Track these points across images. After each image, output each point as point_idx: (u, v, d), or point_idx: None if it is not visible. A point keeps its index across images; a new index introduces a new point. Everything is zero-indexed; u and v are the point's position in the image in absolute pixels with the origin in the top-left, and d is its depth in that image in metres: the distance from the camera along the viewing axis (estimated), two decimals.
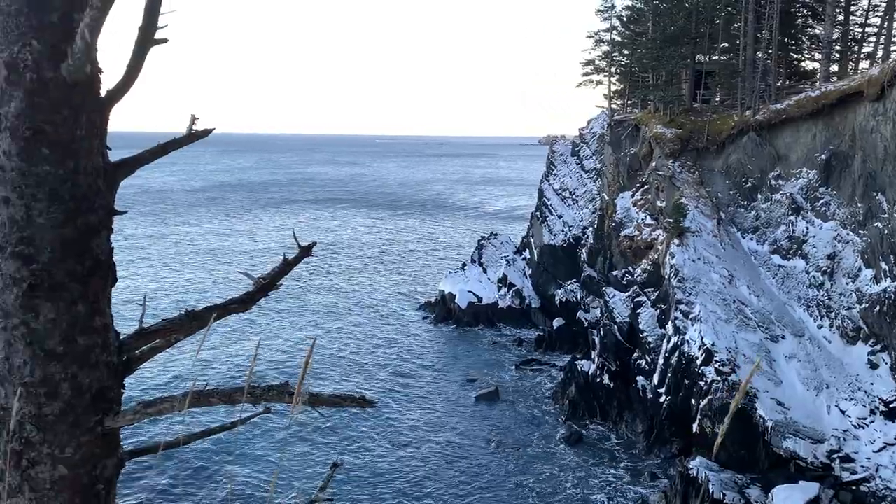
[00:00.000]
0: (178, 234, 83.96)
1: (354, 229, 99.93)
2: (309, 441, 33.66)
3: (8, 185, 3.01)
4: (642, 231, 43.27)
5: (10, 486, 3.20)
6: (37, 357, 3.13)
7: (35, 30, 2.91)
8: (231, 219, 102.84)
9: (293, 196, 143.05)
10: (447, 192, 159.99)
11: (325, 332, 51.72)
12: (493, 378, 44.34)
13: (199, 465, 29.90)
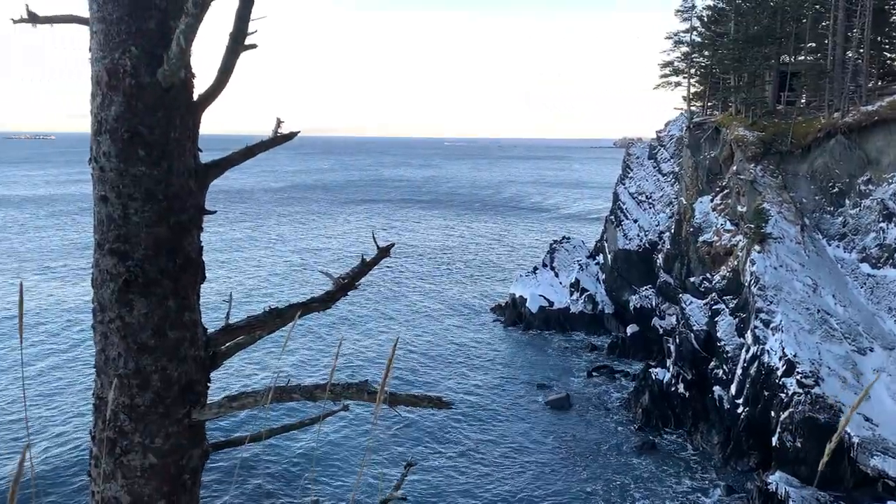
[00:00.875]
0: (260, 233, 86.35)
1: (427, 230, 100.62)
2: (383, 440, 34.04)
3: (107, 185, 3.16)
4: (721, 237, 42.02)
5: (104, 472, 3.36)
6: (130, 350, 3.27)
7: (134, 36, 3.05)
8: (309, 219, 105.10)
9: (368, 197, 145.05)
10: (520, 194, 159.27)
11: (396, 331, 52.24)
12: (564, 384, 43.84)
13: (279, 460, 30.64)
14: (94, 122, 3.14)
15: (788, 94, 50.88)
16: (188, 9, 2.81)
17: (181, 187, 3.25)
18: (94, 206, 3.25)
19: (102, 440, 3.32)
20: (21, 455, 1.48)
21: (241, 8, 3.03)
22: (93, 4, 3.07)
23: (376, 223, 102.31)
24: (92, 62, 3.13)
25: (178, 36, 2.90)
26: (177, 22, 3.01)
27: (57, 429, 27.98)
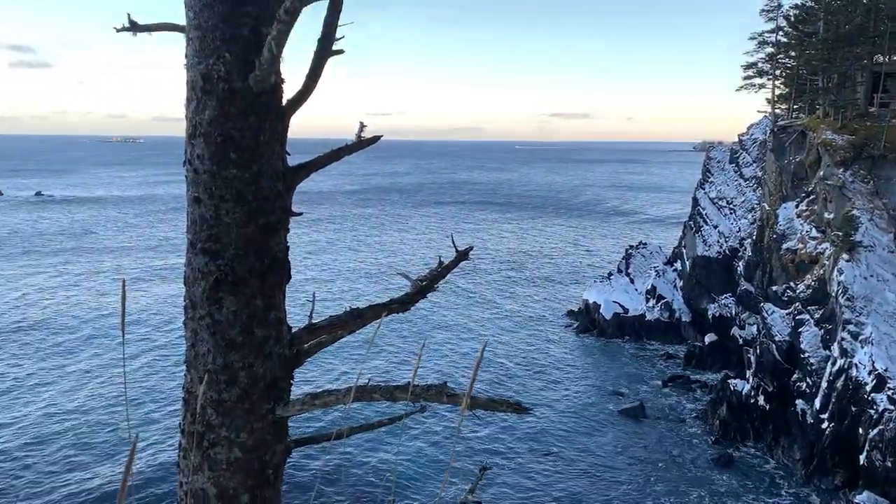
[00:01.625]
0: (338, 234, 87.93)
1: (501, 233, 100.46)
2: (457, 442, 34.15)
3: (200, 187, 3.27)
4: (807, 244, 40.36)
5: (192, 464, 3.48)
6: (219, 346, 3.37)
7: (228, 43, 3.15)
8: (386, 220, 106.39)
9: (442, 199, 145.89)
10: (595, 198, 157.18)
11: (468, 334, 52.32)
12: (637, 393, 42.95)
13: (358, 459, 31.09)
14: (189, 126, 3.26)
15: (882, 95, 48.46)
16: (279, 16, 2.89)
17: (270, 189, 3.34)
18: (187, 207, 3.38)
19: (191, 433, 3.44)
20: (131, 447, 1.55)
21: (329, 14, 3.10)
22: (189, 12, 3.19)
23: (450, 226, 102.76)
24: (187, 68, 3.25)
25: (269, 42, 2.98)
26: (268, 28, 3.09)
27: (153, 423, 28.99)
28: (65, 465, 21.16)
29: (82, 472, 21.23)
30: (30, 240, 63.67)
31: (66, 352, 34.16)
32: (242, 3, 3.13)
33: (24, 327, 36.64)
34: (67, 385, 29.82)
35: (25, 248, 58.90)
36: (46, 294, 43.88)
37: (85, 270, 50.77)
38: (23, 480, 19.93)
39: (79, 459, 21.73)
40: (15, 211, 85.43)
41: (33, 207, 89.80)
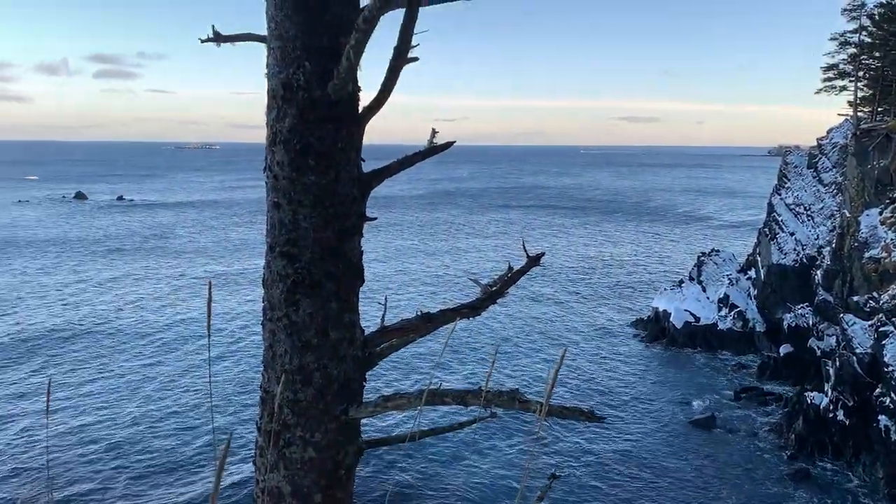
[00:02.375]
0: (408, 238, 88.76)
1: (568, 238, 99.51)
2: (523, 449, 33.97)
3: (279, 192, 3.37)
4: (891, 253, 38.57)
5: (268, 462, 3.57)
6: (295, 347, 3.46)
7: (308, 52, 3.24)
8: (455, 225, 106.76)
9: (510, 203, 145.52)
10: (665, 203, 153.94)
11: (535, 340, 51.99)
12: (708, 404, 41.80)
13: (428, 462, 31.25)
14: (270, 134, 3.37)
15: None
16: (358, 24, 2.95)
17: (346, 195, 3.42)
18: (267, 212, 3.48)
19: (268, 432, 3.54)
20: (225, 444, 1.61)
21: (405, 22, 3.15)
22: (271, 23, 3.29)
23: (516, 230, 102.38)
24: (268, 77, 3.36)
25: (347, 51, 3.05)
26: (346, 38, 3.16)
27: (242, 423, 29.44)
28: (155, 467, 21.75)
29: (172, 475, 21.79)
30: (113, 242, 66.39)
31: (152, 353, 35.28)
32: (322, 14, 3.21)
33: (107, 329, 38.06)
34: (154, 386, 30.68)
35: (109, 248, 61.44)
36: (130, 295, 45.57)
37: (166, 272, 52.59)
38: (113, 483, 20.55)
39: (168, 462, 22.32)
40: (99, 214, 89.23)
41: (115, 211, 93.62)
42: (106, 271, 51.87)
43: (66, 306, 41.32)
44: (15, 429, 22.26)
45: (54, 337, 34.94)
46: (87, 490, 18.55)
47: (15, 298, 41.85)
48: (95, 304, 42.50)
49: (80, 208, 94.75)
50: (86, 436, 23.08)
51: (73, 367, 30.88)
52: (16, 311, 38.41)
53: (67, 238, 67.85)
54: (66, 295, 43.73)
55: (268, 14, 3.30)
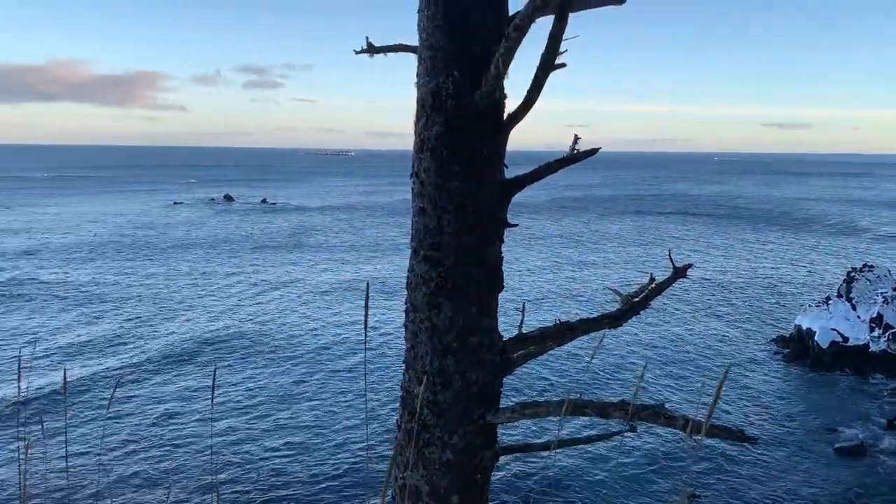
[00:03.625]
0: (545, 245, 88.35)
1: (708, 248, 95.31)
2: (659, 468, 32.95)
3: (425, 198, 3.46)
4: None
5: (407, 461, 3.66)
6: (436, 349, 3.53)
7: (457, 61, 3.30)
8: (589, 232, 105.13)
9: (644, 211, 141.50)
10: (815, 213, 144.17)
11: (668, 354, 50.22)
12: (857, 431, 38.66)
13: (564, 473, 30.74)
14: (417, 141, 3.46)
15: None
16: (508, 33, 2.98)
17: (489, 201, 3.45)
18: (412, 217, 3.58)
19: (408, 431, 3.63)
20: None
21: (554, 28, 3.14)
22: (422, 34, 3.38)
23: (652, 239, 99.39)
24: (418, 86, 3.45)
25: (496, 59, 3.08)
26: (495, 46, 3.20)
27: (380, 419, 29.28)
28: (314, 473, 22.36)
29: (330, 482, 22.30)
30: (258, 241, 70.16)
31: (307, 350, 36.45)
32: (472, 23, 3.27)
33: (261, 327, 39.87)
34: (311, 386, 31.47)
35: (254, 247, 64.97)
36: (279, 293, 47.76)
37: (311, 271, 54.88)
38: (277, 486, 21.26)
39: (326, 461, 22.91)
40: (245, 216, 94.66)
41: (260, 212, 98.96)
42: (253, 269, 54.82)
43: (219, 302, 43.86)
44: (183, 431, 23.66)
45: (213, 334, 36.97)
46: (252, 491, 19.48)
47: (172, 296, 44.87)
48: (246, 302, 44.76)
49: (228, 210, 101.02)
50: (247, 436, 24.14)
51: (232, 364, 32.43)
52: (173, 310, 41.10)
53: (216, 238, 72.45)
54: (217, 291, 46.47)
55: (419, 26, 3.39)
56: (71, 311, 37.33)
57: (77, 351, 31.08)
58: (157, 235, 68.36)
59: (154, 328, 35.42)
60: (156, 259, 53.40)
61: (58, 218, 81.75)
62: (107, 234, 69.28)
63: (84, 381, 25.75)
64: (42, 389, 22.65)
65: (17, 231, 70.13)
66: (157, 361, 30.45)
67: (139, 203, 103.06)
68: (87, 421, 22.62)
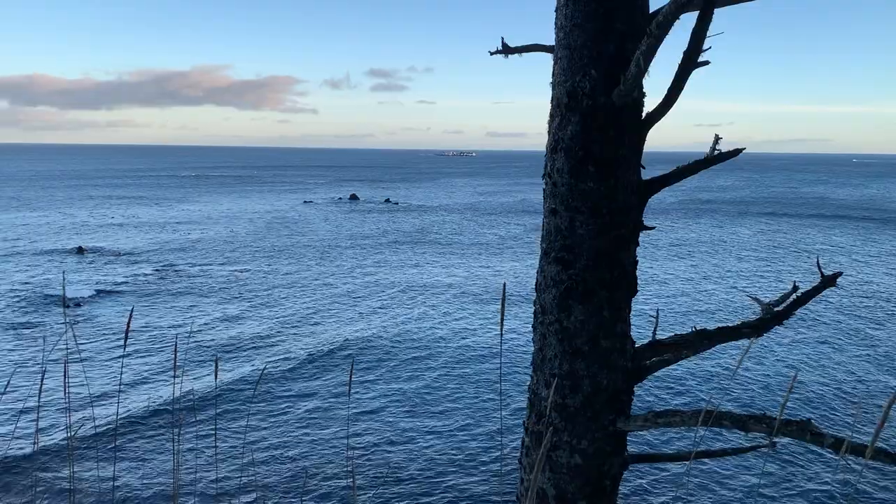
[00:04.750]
0: (677, 248, 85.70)
1: (853, 256, 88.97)
2: (800, 490, 31.08)
3: (557, 199, 3.42)
4: None
5: (533, 463, 3.64)
6: (566, 352, 3.49)
7: (595, 60, 3.25)
8: (721, 236, 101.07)
9: (780, 215, 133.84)
10: None
11: (814, 368, 47.22)
12: None
13: (695, 485, 29.35)
14: (551, 141, 3.43)
15: None
16: (650, 30, 2.89)
17: (624, 203, 3.37)
18: (543, 218, 3.55)
19: (535, 433, 3.61)
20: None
21: (698, 25, 3.03)
22: (559, 33, 3.35)
23: (790, 245, 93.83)
24: (553, 86, 3.42)
25: (637, 57, 3.01)
26: (634, 44, 3.12)
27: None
28: (445, 472, 22.55)
29: (461, 480, 22.35)
30: (384, 240, 72.02)
31: (437, 349, 36.68)
32: (611, 21, 3.21)
33: (386, 327, 40.48)
34: (444, 383, 31.43)
35: (380, 245, 66.73)
36: (407, 291, 48.65)
37: (437, 270, 55.69)
38: (416, 487, 21.63)
39: (458, 468, 23.03)
40: (369, 214, 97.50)
41: (384, 211, 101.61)
42: (381, 268, 56.25)
43: (350, 299, 45.10)
44: (321, 426, 24.44)
45: (346, 329, 37.90)
46: (383, 481, 19.92)
47: (306, 291, 46.62)
48: (379, 299, 45.67)
49: (354, 209, 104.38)
50: (383, 435, 24.64)
51: (367, 359, 33.09)
52: (308, 306, 42.57)
53: (345, 235, 75.06)
54: (348, 287, 47.85)
55: (557, 25, 3.36)
56: (212, 304, 39.59)
57: (225, 343, 32.84)
58: (289, 234, 71.58)
59: (292, 323, 36.82)
60: (289, 257, 55.83)
61: (199, 214, 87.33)
62: (243, 230, 73.34)
63: (229, 374, 27.16)
64: (195, 381, 23.96)
65: (163, 225, 75.53)
66: (297, 354, 31.56)
67: (272, 202, 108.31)
68: (232, 412, 23.88)
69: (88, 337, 29.02)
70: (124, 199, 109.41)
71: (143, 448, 17.92)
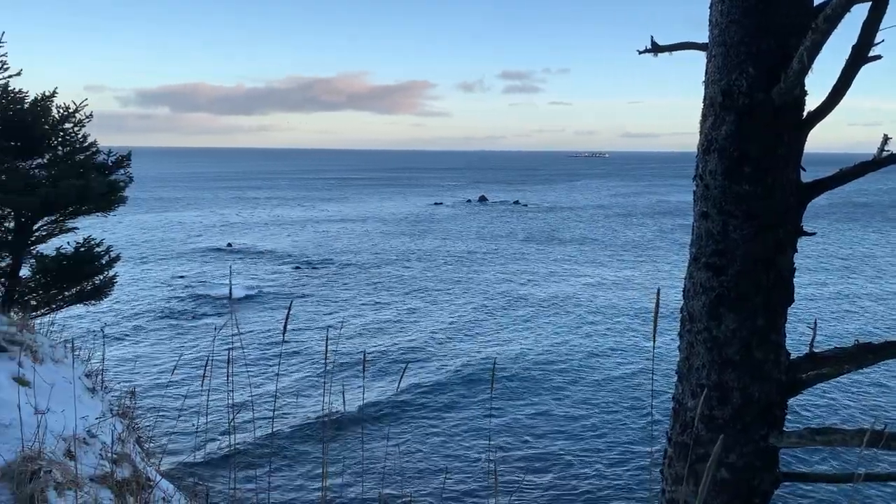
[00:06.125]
0: (827, 253, 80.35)
1: None
2: None
3: (709, 202, 3.29)
4: None
5: (676, 473, 3.52)
6: (714, 362, 3.35)
7: (752, 57, 3.10)
8: (882, 242, 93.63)
9: None
10: None
11: None
12: None
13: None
14: (703, 142, 3.31)
15: None
16: (816, 24, 2.74)
17: (781, 206, 3.20)
18: (693, 222, 3.43)
19: (679, 444, 3.49)
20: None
21: (869, 17, 2.84)
22: (714, 30, 3.23)
23: None
24: (707, 84, 3.30)
25: (801, 53, 2.85)
26: (797, 39, 2.96)
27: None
28: (590, 474, 22.09)
29: (607, 485, 21.80)
30: (514, 241, 72.05)
31: (581, 350, 35.78)
32: (771, 16, 3.06)
33: (526, 326, 40.00)
34: (590, 386, 30.60)
35: (510, 247, 66.75)
36: (548, 292, 48.01)
37: (573, 272, 54.97)
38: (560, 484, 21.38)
39: (604, 473, 22.47)
40: (498, 214, 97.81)
41: (513, 212, 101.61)
42: (515, 268, 56.26)
43: (485, 298, 45.10)
44: (463, 422, 24.58)
45: (485, 330, 37.83)
46: (524, 481, 19.89)
47: (442, 288, 47.36)
48: (515, 300, 45.30)
49: (483, 209, 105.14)
50: (524, 430, 24.53)
51: (508, 355, 32.84)
52: (446, 302, 42.99)
53: (475, 235, 75.72)
54: (481, 287, 48.04)
55: (711, 21, 3.24)
56: (353, 305, 40.93)
57: (370, 333, 33.85)
58: (419, 236, 73.08)
59: (430, 329, 37.37)
60: (421, 260, 56.95)
61: (337, 215, 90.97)
62: (376, 231, 75.71)
63: (374, 383, 27.83)
64: (343, 369, 24.64)
65: (304, 225, 79.30)
66: (436, 350, 32.01)
67: (406, 203, 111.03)
68: (377, 404, 24.53)
69: (244, 333, 30.52)
70: (269, 199, 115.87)
71: (295, 453, 18.58)
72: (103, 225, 13.76)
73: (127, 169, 11.06)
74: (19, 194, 9.05)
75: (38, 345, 7.05)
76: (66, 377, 6.38)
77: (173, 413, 15.34)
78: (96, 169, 10.55)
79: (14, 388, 5.65)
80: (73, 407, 5.33)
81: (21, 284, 10.25)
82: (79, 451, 4.80)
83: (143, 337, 30.74)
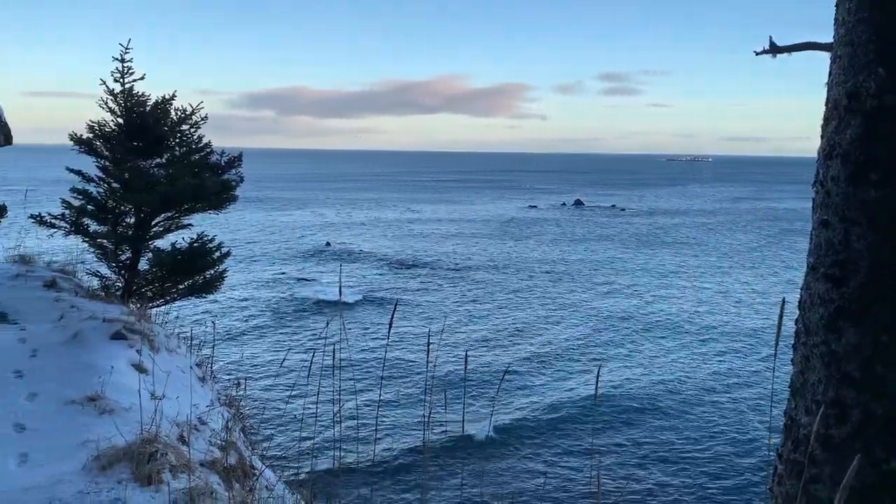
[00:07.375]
0: None
1: None
2: None
3: (830, 209, 3.14)
4: None
5: (786, 492, 3.37)
6: (832, 378, 3.18)
7: (881, 57, 2.94)
8: None
9: None
10: None
11: None
12: None
13: None
14: (825, 146, 3.16)
15: None
16: None
17: None
18: (812, 230, 3.29)
19: (790, 461, 3.34)
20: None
21: None
22: (840, 29, 3.08)
23: None
24: (830, 86, 3.15)
25: None
26: None
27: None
28: (692, 484, 21.68)
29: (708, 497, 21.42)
30: (610, 245, 70.91)
31: (702, 354, 35.01)
32: None
33: (631, 328, 39.56)
34: (699, 394, 29.84)
35: (607, 252, 65.81)
36: (652, 293, 47.33)
37: (680, 279, 53.70)
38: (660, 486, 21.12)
39: (705, 484, 22.08)
40: (594, 218, 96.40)
41: (609, 216, 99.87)
42: (608, 274, 55.49)
43: (590, 298, 44.86)
44: (565, 423, 24.38)
45: (588, 330, 37.46)
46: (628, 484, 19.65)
47: (538, 290, 47.31)
48: (618, 302, 45.01)
49: (578, 213, 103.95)
50: (627, 432, 24.17)
51: (614, 360, 32.52)
52: (545, 305, 42.89)
53: (570, 238, 74.96)
54: (582, 290, 47.68)
55: (837, 20, 3.09)
56: (449, 305, 41.38)
57: (470, 334, 34.17)
58: (513, 240, 73.10)
59: (532, 320, 37.41)
60: (516, 264, 56.96)
61: (432, 216, 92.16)
62: (469, 232, 76.12)
63: (475, 364, 27.99)
64: (445, 383, 24.73)
65: (400, 226, 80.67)
66: (539, 352, 31.97)
67: (501, 206, 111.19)
68: (478, 400, 24.66)
69: (349, 332, 31.21)
70: (366, 201, 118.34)
71: (398, 466, 18.86)
72: (215, 222, 14.50)
73: (238, 169, 11.58)
74: (140, 192, 9.62)
75: (155, 334, 7.50)
76: (179, 366, 6.76)
77: (279, 406, 15.86)
78: (210, 169, 11.11)
79: (133, 375, 6.04)
80: (188, 395, 5.61)
81: (139, 277, 10.91)
82: (191, 436, 5.07)
83: (248, 332, 32.06)
